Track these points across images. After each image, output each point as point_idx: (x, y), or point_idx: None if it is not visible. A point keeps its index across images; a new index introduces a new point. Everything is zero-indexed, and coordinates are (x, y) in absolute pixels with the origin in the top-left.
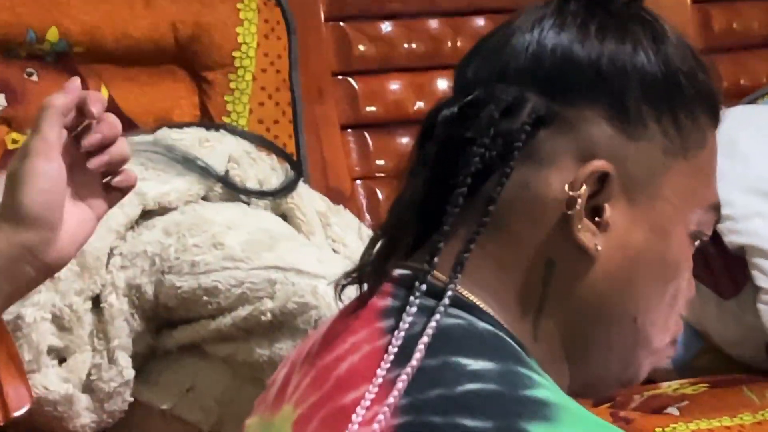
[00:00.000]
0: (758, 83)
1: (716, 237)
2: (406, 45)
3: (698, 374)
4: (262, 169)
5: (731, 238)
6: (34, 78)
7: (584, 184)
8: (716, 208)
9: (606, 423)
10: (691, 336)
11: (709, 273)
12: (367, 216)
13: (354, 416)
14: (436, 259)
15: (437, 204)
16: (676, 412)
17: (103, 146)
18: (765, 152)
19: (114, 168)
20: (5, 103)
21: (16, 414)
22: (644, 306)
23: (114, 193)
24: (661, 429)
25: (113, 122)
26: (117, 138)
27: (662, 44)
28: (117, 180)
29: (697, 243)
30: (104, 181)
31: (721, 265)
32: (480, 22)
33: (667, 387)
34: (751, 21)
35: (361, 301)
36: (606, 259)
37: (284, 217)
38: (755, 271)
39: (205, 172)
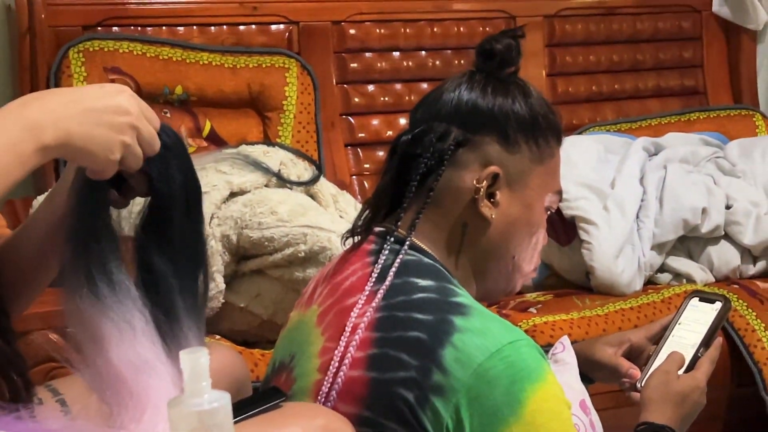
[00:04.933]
0: (583, 123)
1: (558, 210)
2: (382, 98)
3: (547, 289)
4: (299, 169)
5: (567, 212)
6: (168, 115)
7: (485, 180)
8: (560, 192)
9: (496, 316)
10: (543, 266)
11: (554, 231)
12: (359, 197)
13: (352, 313)
14: (399, 223)
15: (399, 191)
16: (535, 311)
17: None
18: (586, 161)
19: None
20: None
21: None
22: (519, 248)
23: None
24: (526, 321)
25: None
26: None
27: (529, 98)
28: None
29: (548, 213)
30: None
31: (561, 226)
32: (425, 85)
33: (530, 296)
34: (580, 86)
35: (356, 246)
36: (497, 222)
37: (312, 197)
38: (580, 230)
39: (266, 170)
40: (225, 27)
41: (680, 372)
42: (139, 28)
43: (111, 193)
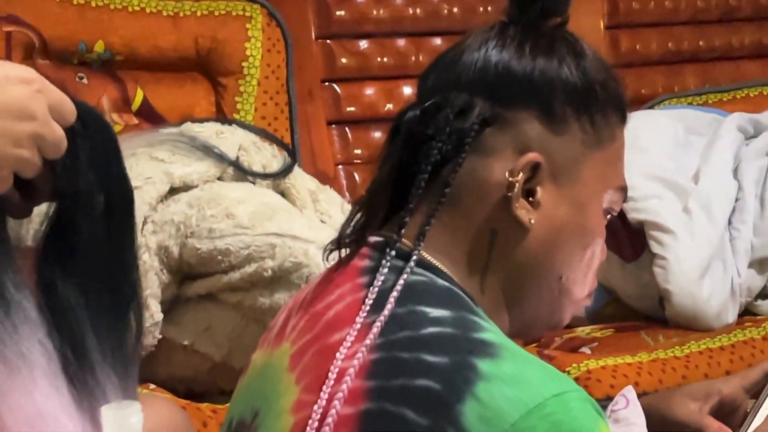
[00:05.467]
0: (655, 93)
1: (621, 213)
2: (378, 59)
3: (606, 321)
4: (265, 156)
5: (633, 215)
6: (84, 81)
7: (521, 172)
8: (624, 189)
9: (536, 358)
10: (600, 291)
11: (615, 242)
12: (347, 194)
13: (338, 354)
14: (403, 230)
15: (404, 186)
16: (589, 351)
17: None
18: (660, 146)
19: None
20: None
21: None
22: (567, 266)
23: None
24: (576, 365)
25: None
26: None
27: (582, 59)
28: None
29: (608, 217)
30: None
31: (624, 235)
32: (438, 41)
33: (581, 331)
34: (651, 43)
35: (344, 262)
36: (537, 229)
37: (282, 194)
38: (651, 241)
39: (220, 157)
40: None
41: None
42: None
43: (10, 194)
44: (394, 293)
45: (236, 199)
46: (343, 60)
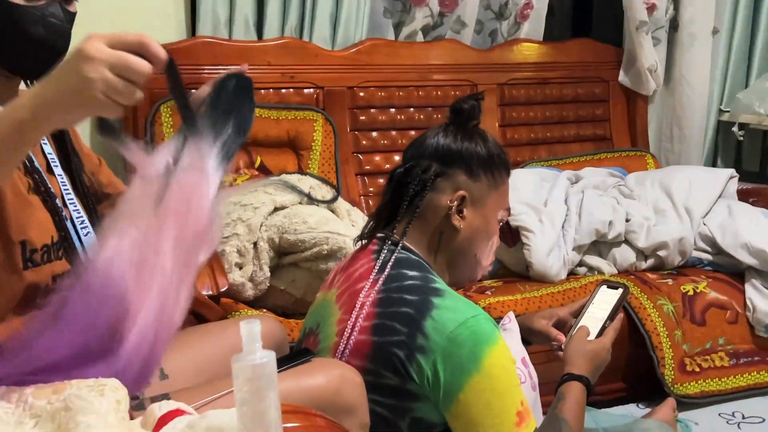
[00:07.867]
0: (524, 160)
1: (507, 222)
2: (382, 142)
3: (498, 278)
4: (324, 192)
5: (513, 222)
6: None
7: (456, 201)
8: (508, 209)
9: (463, 297)
10: (496, 262)
11: (503, 236)
12: (366, 212)
13: (361, 294)
14: (394, 231)
15: (394, 208)
16: (490, 294)
17: None
18: (526, 187)
19: None
20: None
21: (222, 289)
22: (479, 249)
23: None
24: (484, 300)
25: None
26: None
27: (487, 142)
28: None
29: (500, 223)
30: None
31: (509, 233)
32: (413, 132)
33: (486, 283)
34: (523, 134)
35: (363, 247)
36: (464, 231)
37: (333, 211)
38: (523, 236)
39: (300, 192)
40: (271, 90)
41: (590, 338)
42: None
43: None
44: (390, 263)
45: (308, 213)
46: (364, 142)
